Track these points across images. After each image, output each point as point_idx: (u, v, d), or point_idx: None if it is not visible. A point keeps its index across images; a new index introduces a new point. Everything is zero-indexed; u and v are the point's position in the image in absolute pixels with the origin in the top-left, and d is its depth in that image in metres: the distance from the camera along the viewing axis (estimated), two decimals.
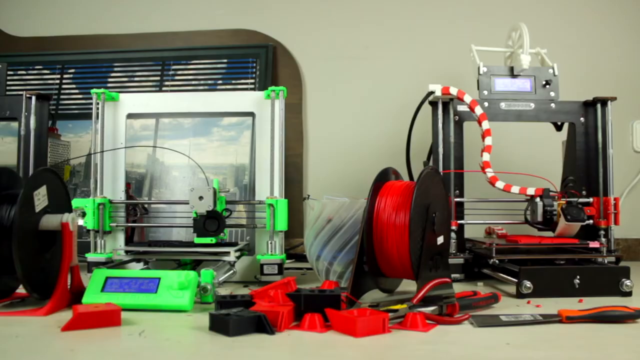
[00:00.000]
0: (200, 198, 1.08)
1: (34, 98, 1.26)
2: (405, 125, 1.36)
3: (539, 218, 1.18)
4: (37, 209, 0.93)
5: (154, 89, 1.64)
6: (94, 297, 0.91)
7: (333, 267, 1.12)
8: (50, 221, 0.94)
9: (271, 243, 1.16)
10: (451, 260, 1.18)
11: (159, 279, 0.92)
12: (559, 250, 1.16)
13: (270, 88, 1.18)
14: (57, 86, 1.68)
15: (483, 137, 1.23)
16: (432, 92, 1.21)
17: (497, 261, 1.13)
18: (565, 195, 1.21)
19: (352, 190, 1.60)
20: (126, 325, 0.80)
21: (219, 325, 0.76)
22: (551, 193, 1.20)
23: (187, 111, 1.24)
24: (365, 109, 1.71)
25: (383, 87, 1.70)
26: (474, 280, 1.21)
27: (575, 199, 1.19)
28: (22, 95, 1.26)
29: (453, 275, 1.18)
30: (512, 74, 1.27)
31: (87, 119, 1.66)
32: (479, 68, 1.27)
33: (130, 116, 1.23)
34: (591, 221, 1.23)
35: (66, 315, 0.86)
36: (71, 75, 1.70)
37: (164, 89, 1.64)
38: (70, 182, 1.62)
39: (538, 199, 1.18)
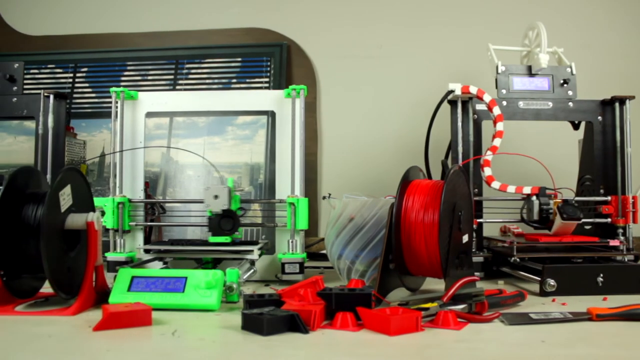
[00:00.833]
0: (216, 197, 1.08)
1: (51, 97, 1.25)
2: (420, 124, 1.36)
3: (535, 216, 1.18)
4: (63, 208, 0.93)
5: (167, 87, 1.64)
6: (120, 296, 0.90)
7: (355, 266, 1.12)
8: (76, 220, 0.94)
9: (292, 242, 1.16)
10: None
11: (186, 278, 0.92)
12: (578, 249, 1.17)
13: (290, 87, 1.18)
14: (70, 85, 1.67)
15: (493, 137, 1.23)
16: (451, 91, 1.21)
17: (517, 259, 1.14)
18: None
19: (367, 188, 1.60)
20: (156, 325, 0.79)
21: (252, 325, 0.76)
22: (547, 191, 1.20)
23: (207, 110, 1.24)
24: (379, 108, 1.71)
25: (397, 86, 1.70)
26: (494, 279, 1.21)
27: (572, 197, 1.20)
28: (39, 94, 1.25)
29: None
30: (530, 72, 1.27)
31: (100, 117, 1.65)
32: (497, 67, 1.27)
33: (149, 115, 1.22)
34: (609, 219, 1.24)
35: (93, 315, 0.86)
36: (84, 74, 1.69)
37: (177, 87, 1.64)
38: None
39: (534, 198, 1.18)
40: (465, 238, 0.98)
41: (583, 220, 1.23)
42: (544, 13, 1.66)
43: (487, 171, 1.21)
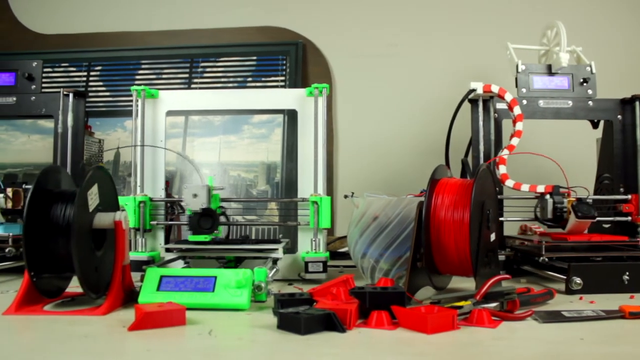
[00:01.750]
0: (195, 196, 1.07)
1: (71, 95, 1.24)
2: (435, 123, 1.37)
3: (549, 215, 1.18)
4: (91, 208, 0.92)
5: (182, 86, 1.63)
6: (150, 296, 0.90)
7: (379, 265, 1.11)
8: (103, 219, 0.93)
9: (315, 241, 1.15)
10: None
11: (215, 277, 0.92)
12: (607, 248, 1.16)
13: (313, 85, 1.17)
14: (84, 83, 1.66)
15: (512, 136, 1.23)
16: (473, 90, 1.22)
17: (546, 259, 1.13)
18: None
19: (383, 187, 1.59)
20: (190, 325, 0.79)
21: (288, 324, 0.76)
22: (561, 190, 1.21)
23: (228, 108, 1.23)
24: (395, 106, 1.70)
25: (412, 84, 1.70)
26: (516, 277, 1.21)
27: (585, 196, 1.20)
28: (58, 92, 1.25)
29: None
30: (550, 71, 1.27)
31: (114, 116, 1.64)
32: (517, 66, 1.27)
33: (169, 113, 1.22)
34: (629, 218, 1.24)
35: (124, 315, 0.86)
36: (98, 73, 1.68)
37: (193, 86, 1.63)
38: None
39: (548, 196, 1.18)
40: (493, 236, 0.99)
41: (601, 218, 1.23)
42: (561, 12, 1.66)
43: (501, 169, 1.22)
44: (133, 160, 1.19)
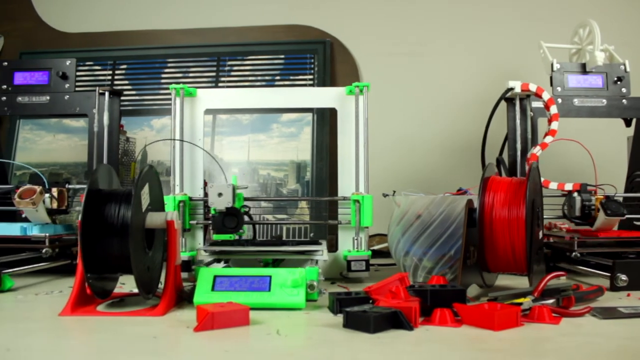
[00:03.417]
0: (219, 195, 1.06)
1: (107, 94, 1.23)
2: (464, 121, 1.37)
3: (577, 213, 1.19)
4: (143, 207, 0.92)
5: (209, 84, 1.62)
6: (205, 296, 0.89)
7: (422, 263, 1.12)
8: (155, 219, 0.93)
9: (357, 239, 1.15)
10: None
11: (270, 277, 0.91)
12: (636, 244, 1.18)
13: (354, 84, 1.17)
14: (109, 82, 1.64)
15: (545, 135, 1.24)
16: (511, 89, 1.22)
17: (578, 254, 1.15)
18: None
19: (412, 185, 1.60)
20: (254, 325, 0.78)
21: (356, 322, 0.76)
22: (589, 188, 1.22)
23: (266, 107, 1.22)
24: (423, 104, 1.71)
25: (440, 82, 1.70)
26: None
27: (613, 194, 1.21)
28: (93, 91, 1.23)
29: None
30: (584, 70, 1.29)
31: (140, 115, 1.63)
32: (552, 65, 1.28)
33: (207, 112, 1.21)
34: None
35: (181, 315, 0.85)
36: (123, 71, 1.67)
37: (220, 84, 1.62)
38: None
39: (576, 194, 1.19)
40: (541, 234, 1.00)
41: (631, 216, 1.25)
42: (592, 10, 1.67)
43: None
44: (172, 160, 1.18)
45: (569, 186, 1.20)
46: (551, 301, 0.85)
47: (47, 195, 1.16)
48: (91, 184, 0.89)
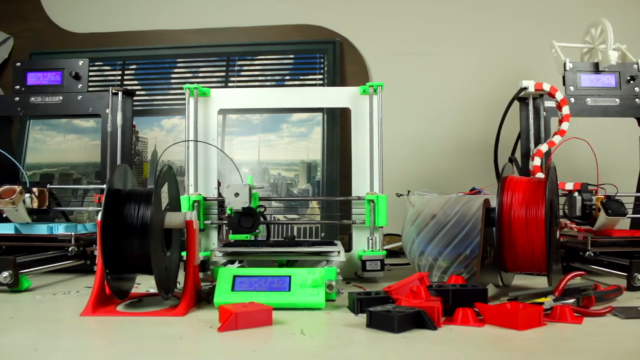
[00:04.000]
0: (236, 195, 1.06)
1: (120, 94, 1.23)
2: (473, 121, 1.37)
3: (578, 212, 1.19)
4: (162, 207, 0.91)
5: (219, 84, 1.62)
6: (225, 296, 0.89)
7: (437, 263, 1.12)
8: (173, 219, 0.92)
9: (372, 239, 1.16)
10: None
11: (289, 277, 0.91)
12: None
13: (368, 83, 1.17)
14: (119, 82, 1.64)
15: (554, 134, 1.24)
16: (524, 88, 1.23)
17: (592, 254, 1.15)
18: None
19: (422, 185, 1.60)
20: (277, 325, 0.78)
21: (380, 322, 0.76)
22: (589, 187, 1.22)
23: (280, 106, 1.22)
24: (432, 104, 1.71)
25: (450, 83, 1.70)
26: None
27: (614, 193, 1.22)
28: (105, 91, 1.23)
29: None
30: (597, 69, 1.29)
31: (149, 115, 1.63)
32: (564, 64, 1.28)
33: (221, 111, 1.21)
34: None
35: (202, 315, 0.85)
36: (133, 71, 1.66)
37: (230, 84, 1.62)
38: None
39: (576, 194, 1.19)
40: (558, 234, 1.00)
41: (635, 216, 1.25)
42: (602, 9, 1.67)
43: (536, 161, 1.23)
44: (186, 160, 1.18)
45: (569, 185, 1.20)
46: (571, 301, 0.85)
47: (27, 195, 1.16)
48: (110, 185, 0.89)
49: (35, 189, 1.19)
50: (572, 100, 1.27)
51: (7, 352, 0.67)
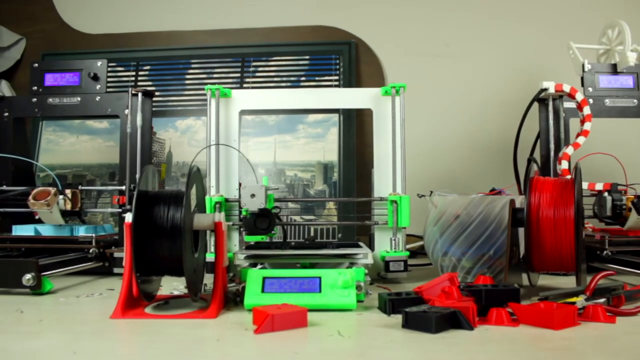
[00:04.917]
0: (252, 196, 1.06)
1: (140, 95, 1.22)
2: (489, 122, 1.37)
3: (608, 212, 1.20)
4: (191, 209, 0.91)
5: (234, 85, 1.62)
6: (256, 298, 0.89)
7: (461, 263, 1.12)
8: (202, 220, 0.92)
9: (394, 240, 1.15)
10: None
11: (319, 278, 0.91)
12: None
13: (390, 84, 1.17)
14: (133, 83, 1.63)
15: (578, 135, 1.25)
16: (545, 89, 1.23)
17: (609, 253, 1.16)
18: None
19: (437, 185, 1.60)
20: (312, 327, 0.78)
21: (416, 323, 0.76)
22: (619, 187, 1.23)
23: (301, 107, 1.22)
24: (448, 105, 1.71)
25: (465, 84, 1.71)
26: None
27: None
28: (125, 92, 1.22)
29: None
30: (615, 71, 1.29)
31: (164, 116, 1.62)
32: (583, 65, 1.29)
33: (243, 112, 1.20)
34: None
35: (233, 317, 0.85)
36: (147, 72, 1.66)
37: (245, 85, 1.61)
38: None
39: (606, 194, 1.20)
40: (584, 234, 1.00)
41: None
42: (618, 11, 1.67)
43: (564, 164, 1.24)
44: (207, 161, 1.17)
45: (599, 186, 1.21)
46: (602, 300, 0.86)
47: (60, 197, 1.15)
48: (139, 187, 0.88)
49: (68, 191, 1.18)
50: (591, 101, 1.28)
51: (45, 355, 0.66)
